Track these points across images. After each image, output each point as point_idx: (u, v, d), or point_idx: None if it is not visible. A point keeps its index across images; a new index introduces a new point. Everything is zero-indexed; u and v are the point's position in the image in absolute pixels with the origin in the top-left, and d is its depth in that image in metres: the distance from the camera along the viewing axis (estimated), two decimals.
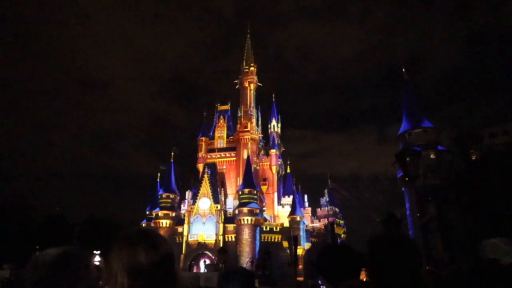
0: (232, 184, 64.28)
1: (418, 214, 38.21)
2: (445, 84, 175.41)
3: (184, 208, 59.85)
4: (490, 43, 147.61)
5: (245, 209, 54.14)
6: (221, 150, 67.55)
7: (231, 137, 68.21)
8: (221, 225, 55.08)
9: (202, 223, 55.51)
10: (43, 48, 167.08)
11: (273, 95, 77.72)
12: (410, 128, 47.92)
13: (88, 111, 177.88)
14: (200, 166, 65.12)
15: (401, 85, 53.14)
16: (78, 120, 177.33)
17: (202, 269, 47.60)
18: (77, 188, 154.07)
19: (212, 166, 61.94)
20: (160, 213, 57.23)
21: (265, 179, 66.71)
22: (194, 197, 57.72)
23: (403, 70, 53.21)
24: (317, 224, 65.78)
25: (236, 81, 73.50)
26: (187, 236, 55.04)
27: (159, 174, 65.18)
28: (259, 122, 71.30)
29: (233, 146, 67.10)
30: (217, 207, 56.10)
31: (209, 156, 66.70)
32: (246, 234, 53.39)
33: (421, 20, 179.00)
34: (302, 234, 56.36)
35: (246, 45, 76.76)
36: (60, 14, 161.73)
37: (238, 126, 67.94)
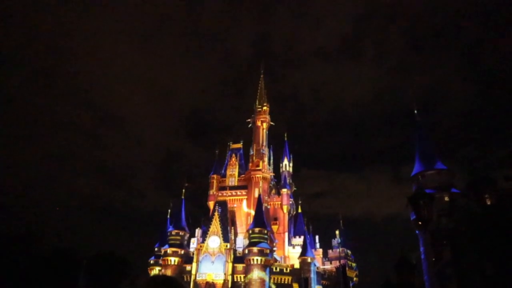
0: (243, 223, 63.60)
1: (433, 259, 37.02)
2: (458, 125, 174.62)
3: (193, 246, 59.08)
4: (502, 85, 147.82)
5: (255, 249, 53.20)
6: (232, 188, 67.40)
7: (243, 176, 68.26)
8: (230, 265, 54.00)
9: (211, 262, 54.55)
10: (61, 83, 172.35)
11: (286, 134, 78.57)
12: (423, 170, 47.27)
13: (102, 146, 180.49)
14: (211, 204, 64.80)
15: (414, 127, 53.09)
16: (92, 154, 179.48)
17: None
18: (87, 222, 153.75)
19: (223, 204, 61.59)
20: (169, 250, 56.49)
21: (276, 219, 65.91)
22: (204, 235, 57.07)
23: (415, 111, 53.32)
24: (328, 266, 64.03)
25: (249, 120, 74.56)
26: (195, 275, 53.91)
27: (169, 210, 65.08)
28: (271, 161, 71.51)
29: (245, 185, 66.98)
30: (226, 246, 55.27)
31: (220, 194, 66.52)
32: (255, 274, 52.21)
33: (433, 63, 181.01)
34: (313, 276, 55.00)
35: (259, 84, 78.40)
36: (80, 50, 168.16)
37: (250, 164, 68.13)
